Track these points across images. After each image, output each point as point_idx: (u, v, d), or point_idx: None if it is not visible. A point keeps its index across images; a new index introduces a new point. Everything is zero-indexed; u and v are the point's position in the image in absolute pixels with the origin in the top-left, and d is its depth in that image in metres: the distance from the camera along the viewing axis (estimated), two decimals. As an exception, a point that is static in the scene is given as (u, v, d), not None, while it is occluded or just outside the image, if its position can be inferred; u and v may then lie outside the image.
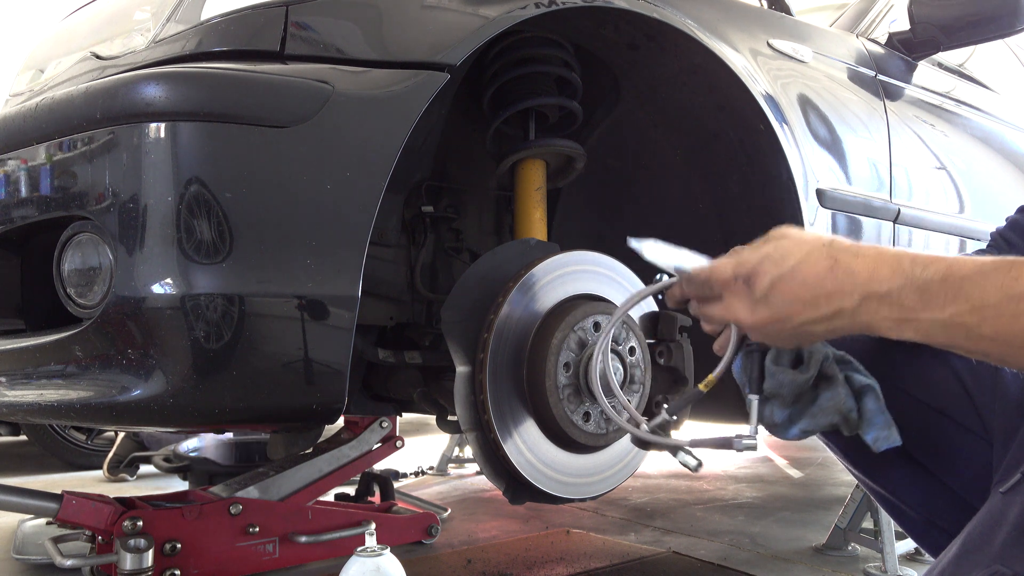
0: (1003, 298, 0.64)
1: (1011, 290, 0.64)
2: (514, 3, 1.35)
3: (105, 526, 1.59)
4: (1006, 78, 2.85)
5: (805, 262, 0.74)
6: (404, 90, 1.21)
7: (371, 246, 1.19)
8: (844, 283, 0.72)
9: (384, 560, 1.21)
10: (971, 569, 0.71)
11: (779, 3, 2.18)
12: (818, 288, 0.73)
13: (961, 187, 2.29)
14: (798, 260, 0.74)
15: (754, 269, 0.76)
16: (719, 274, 0.79)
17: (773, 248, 0.76)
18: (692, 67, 1.65)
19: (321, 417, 1.21)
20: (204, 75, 1.10)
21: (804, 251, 0.74)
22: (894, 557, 1.85)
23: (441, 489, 3.01)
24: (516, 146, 1.66)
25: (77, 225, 1.12)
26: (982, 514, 0.75)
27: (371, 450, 2.15)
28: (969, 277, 0.66)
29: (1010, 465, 0.79)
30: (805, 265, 0.74)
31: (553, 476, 1.41)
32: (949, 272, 0.67)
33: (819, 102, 1.88)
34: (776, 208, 1.75)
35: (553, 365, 1.35)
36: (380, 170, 1.17)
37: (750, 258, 0.77)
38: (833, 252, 0.73)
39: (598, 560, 1.92)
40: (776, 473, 3.46)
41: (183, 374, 1.06)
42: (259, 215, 1.09)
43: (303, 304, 1.12)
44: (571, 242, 1.79)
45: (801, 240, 0.76)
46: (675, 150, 1.85)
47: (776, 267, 0.75)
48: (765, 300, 0.75)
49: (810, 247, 0.74)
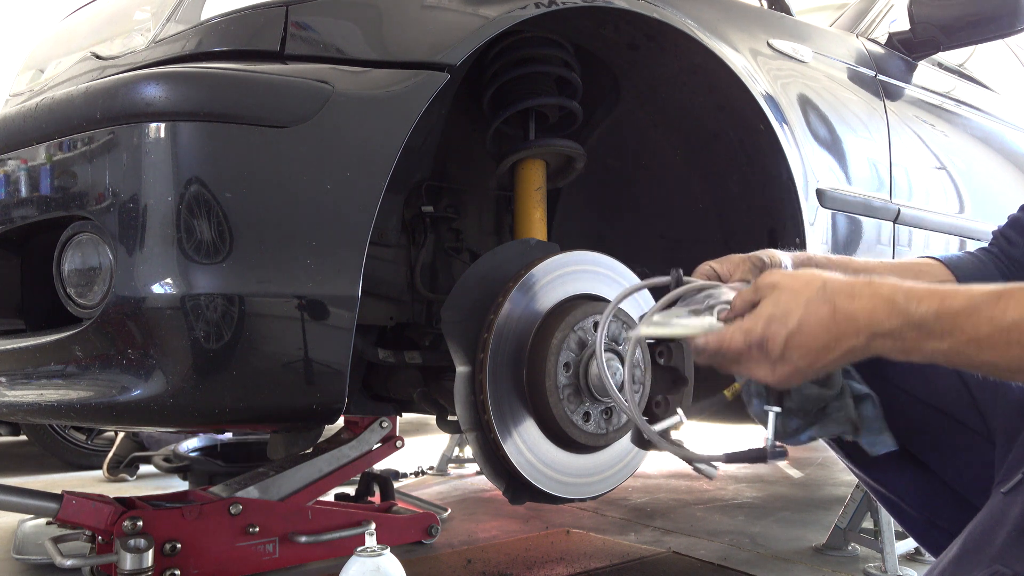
0: (995, 330, 0.69)
1: (1001, 322, 0.68)
2: (514, 3, 1.35)
3: (105, 526, 1.59)
4: (1006, 78, 2.85)
5: (808, 314, 0.76)
6: (404, 90, 1.21)
7: (371, 246, 1.19)
8: (848, 328, 0.75)
9: (384, 560, 1.21)
10: (971, 569, 0.71)
11: (779, 3, 2.18)
12: (827, 336, 0.76)
13: (961, 187, 2.29)
14: (802, 315, 0.77)
15: (764, 335, 0.78)
16: (731, 345, 0.81)
17: (773, 307, 0.78)
18: (692, 67, 1.65)
19: (321, 417, 1.21)
20: (204, 75, 1.10)
21: (803, 303, 0.77)
22: (894, 557, 1.85)
23: (441, 489, 3.01)
24: (516, 146, 1.66)
25: (77, 225, 1.12)
26: (983, 514, 0.75)
27: (371, 450, 2.15)
28: (962, 311, 0.70)
29: (1012, 465, 0.79)
30: (810, 317, 0.76)
31: (553, 476, 1.41)
32: (942, 307, 0.71)
33: (819, 102, 1.88)
34: (776, 208, 1.75)
35: (553, 365, 1.35)
36: (380, 170, 1.17)
37: (756, 325, 0.79)
38: (829, 297, 0.76)
39: (598, 560, 1.92)
40: (776, 473, 3.46)
41: (183, 374, 1.06)
42: (259, 215, 1.09)
43: (303, 304, 1.12)
44: (571, 242, 1.79)
45: (795, 291, 0.78)
46: (675, 150, 1.85)
47: (784, 326, 0.77)
48: (783, 359, 0.78)
49: (807, 297, 0.77)
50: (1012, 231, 1.09)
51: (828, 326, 0.75)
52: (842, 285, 0.76)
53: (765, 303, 0.79)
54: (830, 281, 0.77)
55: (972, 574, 0.70)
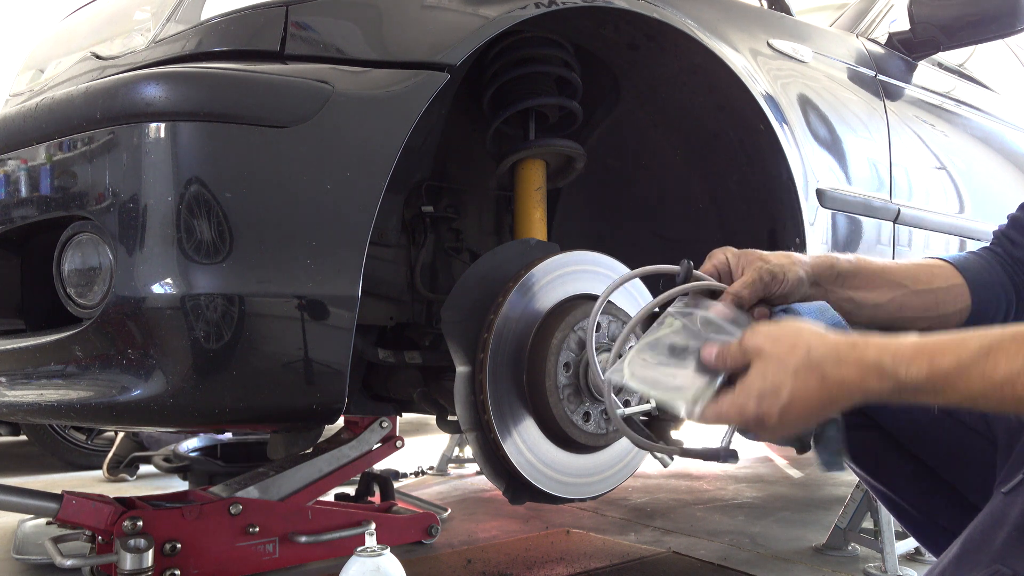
0: (988, 387, 0.69)
1: (993, 378, 0.68)
2: (514, 3, 1.35)
3: (105, 526, 1.59)
4: (1006, 78, 2.85)
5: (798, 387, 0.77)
6: (404, 90, 1.21)
7: (371, 246, 1.19)
8: (840, 393, 0.76)
9: (384, 560, 1.21)
10: (971, 569, 0.71)
11: (779, 3, 2.18)
12: (819, 402, 0.77)
13: (961, 187, 2.29)
14: (792, 387, 0.77)
15: (757, 414, 0.78)
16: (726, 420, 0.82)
17: (762, 381, 0.78)
18: (692, 67, 1.65)
19: (321, 417, 1.21)
20: (204, 75, 1.10)
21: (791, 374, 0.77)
22: (894, 557, 1.85)
23: (441, 489, 3.01)
24: (516, 146, 1.66)
25: (77, 225, 1.12)
26: (984, 514, 0.75)
27: (371, 450, 2.15)
28: (952, 371, 0.71)
29: (1013, 466, 0.79)
30: (799, 390, 0.77)
31: (553, 476, 1.41)
32: (932, 369, 0.71)
33: (819, 102, 1.88)
34: (776, 208, 1.75)
35: (553, 365, 1.35)
36: (380, 170, 1.17)
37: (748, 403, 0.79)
38: (815, 365, 0.76)
39: (598, 560, 1.92)
40: (776, 473, 3.46)
41: (183, 374, 1.06)
42: (259, 215, 1.09)
43: (303, 304, 1.12)
44: (571, 242, 1.79)
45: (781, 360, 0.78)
46: (675, 150, 1.85)
47: (776, 401, 0.77)
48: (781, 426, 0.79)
49: (794, 367, 0.77)
50: (1014, 231, 1.09)
51: (820, 395, 0.76)
52: (827, 351, 0.76)
53: (753, 374, 0.79)
54: (814, 348, 0.77)
55: (972, 574, 0.70)
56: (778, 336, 0.80)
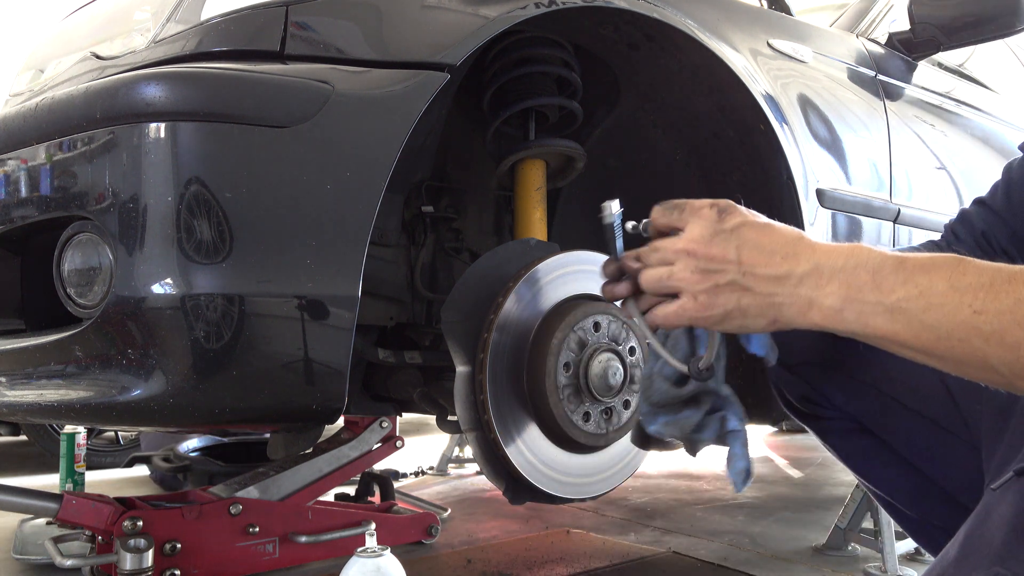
0: (949, 288, 0.67)
1: (958, 282, 0.67)
2: (514, 3, 1.35)
3: (105, 526, 1.59)
4: (1006, 78, 2.85)
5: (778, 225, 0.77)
6: (404, 90, 1.21)
7: (371, 246, 1.19)
8: (802, 251, 0.74)
9: (384, 560, 1.21)
10: (971, 571, 0.71)
11: (779, 3, 2.19)
12: (779, 243, 0.75)
13: (961, 187, 2.29)
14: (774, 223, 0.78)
15: (730, 206, 0.78)
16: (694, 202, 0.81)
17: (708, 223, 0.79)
18: (692, 67, 1.65)
19: (321, 417, 1.21)
20: (204, 75, 1.10)
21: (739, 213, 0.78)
22: (894, 557, 1.85)
23: (441, 489, 3.01)
24: (516, 146, 1.66)
25: (77, 225, 1.12)
26: (978, 514, 0.75)
27: (371, 450, 2.14)
28: (921, 267, 0.69)
29: (1001, 464, 0.79)
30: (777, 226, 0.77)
31: (553, 476, 1.41)
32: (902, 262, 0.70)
33: (819, 102, 1.88)
34: (776, 208, 1.75)
35: (553, 365, 1.35)
36: (380, 170, 1.17)
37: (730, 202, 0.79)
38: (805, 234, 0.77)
39: (598, 560, 1.92)
40: (776, 473, 3.46)
41: (183, 374, 1.06)
42: (259, 215, 1.09)
43: (303, 304, 1.12)
44: (571, 242, 1.78)
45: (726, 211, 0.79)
46: (675, 150, 1.85)
47: (752, 217, 0.78)
48: (728, 234, 0.77)
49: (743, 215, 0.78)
50: (960, 225, 1.10)
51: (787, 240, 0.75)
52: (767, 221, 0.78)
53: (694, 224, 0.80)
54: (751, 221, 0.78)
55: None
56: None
